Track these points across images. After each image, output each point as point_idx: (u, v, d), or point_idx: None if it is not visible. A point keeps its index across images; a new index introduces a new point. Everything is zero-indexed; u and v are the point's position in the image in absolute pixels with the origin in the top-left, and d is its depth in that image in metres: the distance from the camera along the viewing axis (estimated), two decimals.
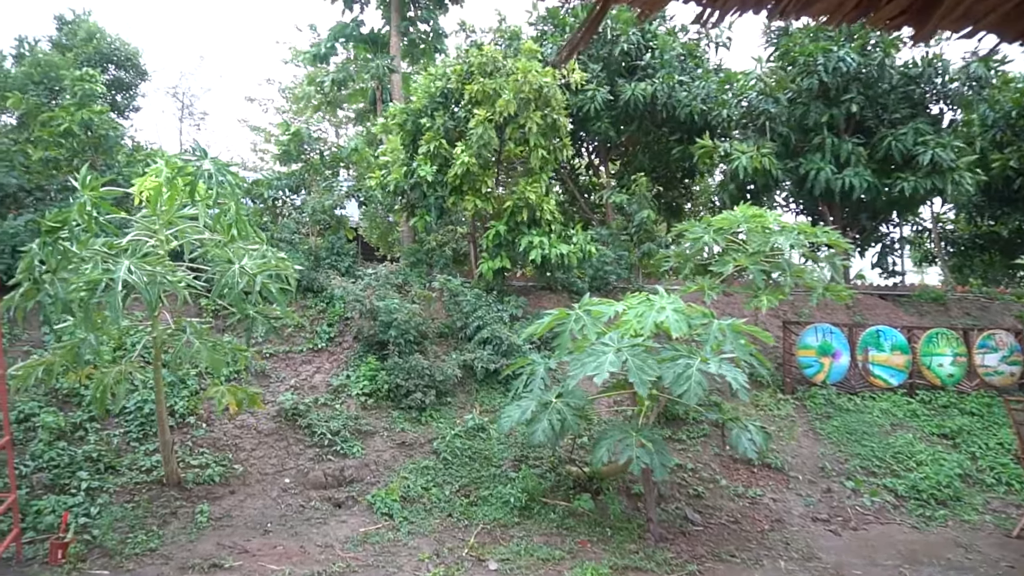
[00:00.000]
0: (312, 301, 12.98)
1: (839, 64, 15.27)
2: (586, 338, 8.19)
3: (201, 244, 8.31)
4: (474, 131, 12.81)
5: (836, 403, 12.50)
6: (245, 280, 7.44)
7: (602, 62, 17.20)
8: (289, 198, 16.14)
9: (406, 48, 19.80)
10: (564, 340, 8.42)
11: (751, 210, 10.50)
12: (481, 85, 13.08)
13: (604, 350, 7.82)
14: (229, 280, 7.42)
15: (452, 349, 12.34)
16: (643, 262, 15.85)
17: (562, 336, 8.45)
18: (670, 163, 18.63)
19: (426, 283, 13.80)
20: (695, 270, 11.33)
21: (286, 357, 11.67)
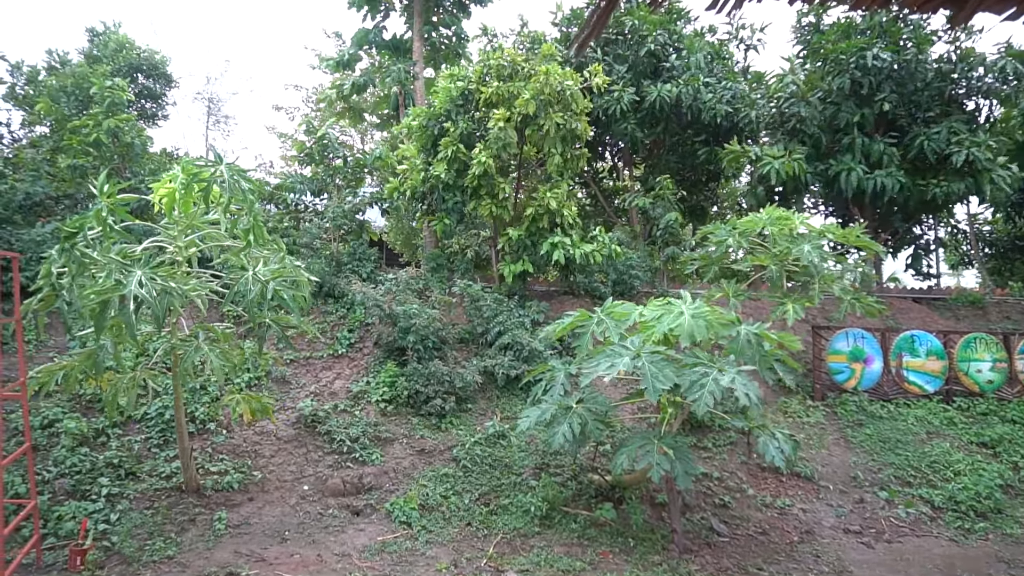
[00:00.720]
0: (333, 307, 12.94)
1: (873, 62, 14.84)
2: (608, 340, 7.99)
3: (223, 250, 8.29)
4: (493, 130, 12.72)
5: (868, 410, 12.08)
6: (258, 287, 7.38)
7: (628, 63, 16.97)
8: (311, 203, 16.18)
9: (429, 53, 19.79)
10: (584, 342, 8.21)
11: (776, 212, 10.20)
12: (497, 87, 13.00)
13: (622, 352, 7.62)
14: (242, 287, 7.37)
15: (473, 355, 12.20)
16: (668, 266, 15.57)
17: (583, 338, 8.24)
18: (695, 166, 18.33)
19: (447, 288, 13.70)
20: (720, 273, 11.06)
21: (307, 363, 11.63)
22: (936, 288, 18.18)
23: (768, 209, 10.46)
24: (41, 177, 12.76)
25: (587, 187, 20.68)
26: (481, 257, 15.32)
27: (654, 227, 15.96)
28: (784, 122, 16.04)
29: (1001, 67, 15.25)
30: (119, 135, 13.08)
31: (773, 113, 16.40)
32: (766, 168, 15.02)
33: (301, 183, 15.86)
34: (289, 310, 7.74)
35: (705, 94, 16.25)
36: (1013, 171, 15.10)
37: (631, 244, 15.09)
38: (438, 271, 14.41)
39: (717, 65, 17.69)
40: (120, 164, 13.28)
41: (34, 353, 10.32)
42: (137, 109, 17.51)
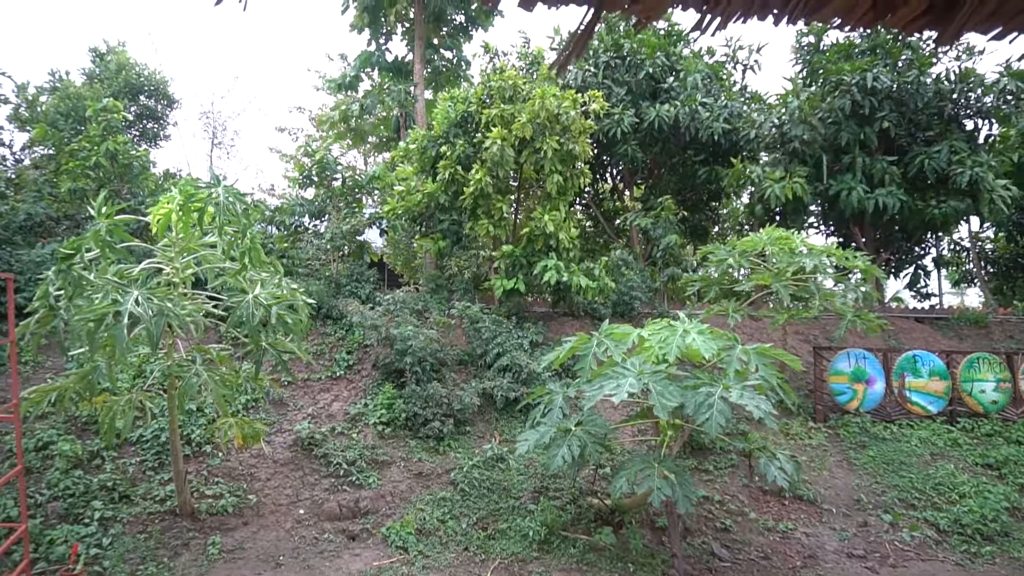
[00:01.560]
0: (331, 328, 12.92)
1: (873, 83, 14.93)
2: (610, 361, 7.95)
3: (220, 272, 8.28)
4: (490, 149, 12.77)
5: (871, 432, 11.98)
6: (260, 312, 7.37)
7: (627, 86, 17.11)
8: (312, 224, 16.22)
9: (430, 76, 20.01)
10: (586, 365, 8.16)
11: (776, 232, 10.22)
12: (500, 110, 13.09)
13: (625, 373, 7.57)
14: (244, 311, 7.35)
15: (471, 377, 12.14)
16: (668, 286, 15.55)
17: (583, 361, 8.20)
18: (696, 186, 18.40)
19: (446, 309, 13.67)
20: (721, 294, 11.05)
21: (304, 385, 11.58)
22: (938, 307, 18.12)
23: (768, 229, 10.48)
24: (42, 198, 12.82)
25: (588, 208, 20.75)
26: (480, 278, 15.32)
27: (654, 248, 15.97)
28: (785, 142, 16.11)
29: (1000, 87, 15.35)
30: (117, 157, 13.16)
31: (774, 133, 16.49)
32: (767, 190, 15.06)
33: (300, 205, 15.91)
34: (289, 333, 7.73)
35: (702, 113, 16.36)
36: (1013, 191, 15.13)
37: (631, 265, 15.09)
38: (437, 292, 14.39)
39: (715, 85, 17.84)
40: (119, 185, 13.35)
41: (31, 374, 10.29)
42: (138, 130, 17.66)
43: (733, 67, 18.95)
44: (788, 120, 16.04)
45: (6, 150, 15.98)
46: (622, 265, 14.53)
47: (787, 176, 15.19)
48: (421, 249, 15.77)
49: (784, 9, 2.51)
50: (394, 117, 20.12)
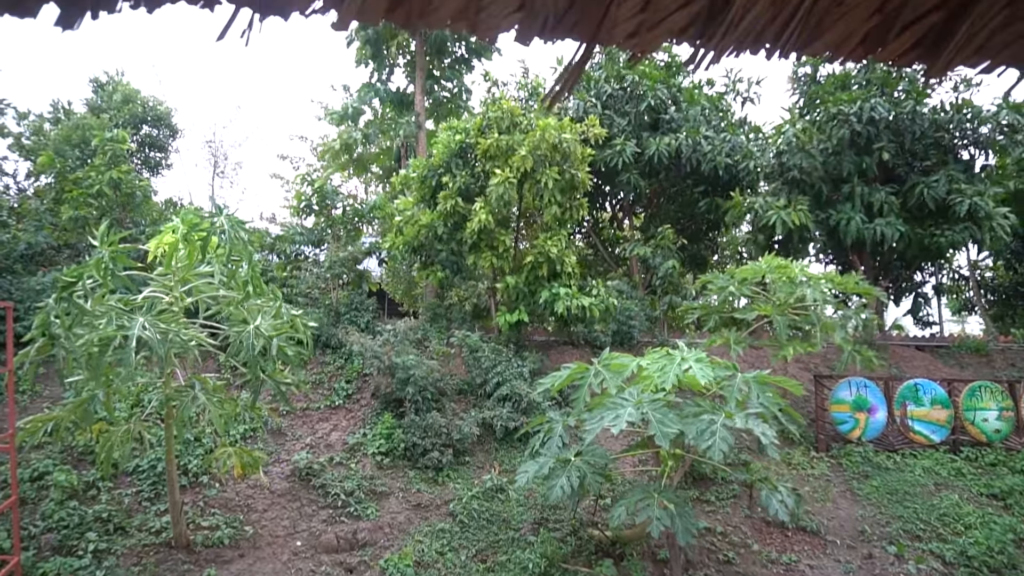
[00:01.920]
0: (331, 357, 12.90)
1: (871, 114, 15.11)
2: (606, 393, 7.92)
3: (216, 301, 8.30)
4: (494, 189, 12.83)
5: (874, 461, 11.88)
6: (260, 342, 7.37)
7: (628, 117, 17.32)
8: (312, 253, 16.29)
9: (431, 107, 20.25)
10: (582, 395, 8.13)
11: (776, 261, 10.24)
12: (495, 140, 13.20)
13: (623, 403, 7.54)
14: (245, 342, 7.36)
15: (471, 406, 12.09)
16: (668, 315, 15.55)
17: (580, 391, 8.17)
18: (696, 215, 18.51)
19: (445, 339, 13.66)
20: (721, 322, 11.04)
21: (303, 414, 11.52)
22: (939, 335, 18.10)
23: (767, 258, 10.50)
24: (43, 227, 12.90)
25: (587, 237, 20.84)
26: (480, 308, 15.33)
27: (653, 276, 16.01)
28: (784, 172, 16.24)
29: (998, 119, 15.53)
30: (120, 186, 13.27)
31: (773, 164, 16.63)
32: (772, 218, 15.12)
33: (300, 234, 16.00)
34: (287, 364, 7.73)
35: (705, 146, 16.52)
36: (1012, 219, 15.21)
37: (631, 293, 15.11)
38: (436, 321, 14.40)
39: (715, 117, 18.05)
40: (121, 214, 13.44)
41: (28, 404, 10.25)
42: (141, 159, 17.82)
43: (733, 99, 19.19)
44: (787, 149, 16.20)
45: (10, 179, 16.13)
46: (620, 293, 14.55)
47: (791, 204, 15.28)
48: (421, 278, 15.80)
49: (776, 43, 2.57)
50: (396, 147, 20.31)
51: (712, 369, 7.67)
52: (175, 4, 1.82)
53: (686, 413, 7.54)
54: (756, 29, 2.42)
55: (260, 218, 23.47)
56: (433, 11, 2.04)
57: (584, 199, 14.25)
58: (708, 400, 8.28)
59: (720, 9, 2.32)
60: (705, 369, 7.49)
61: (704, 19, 2.34)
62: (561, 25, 2.29)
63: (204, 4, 1.82)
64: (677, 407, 7.71)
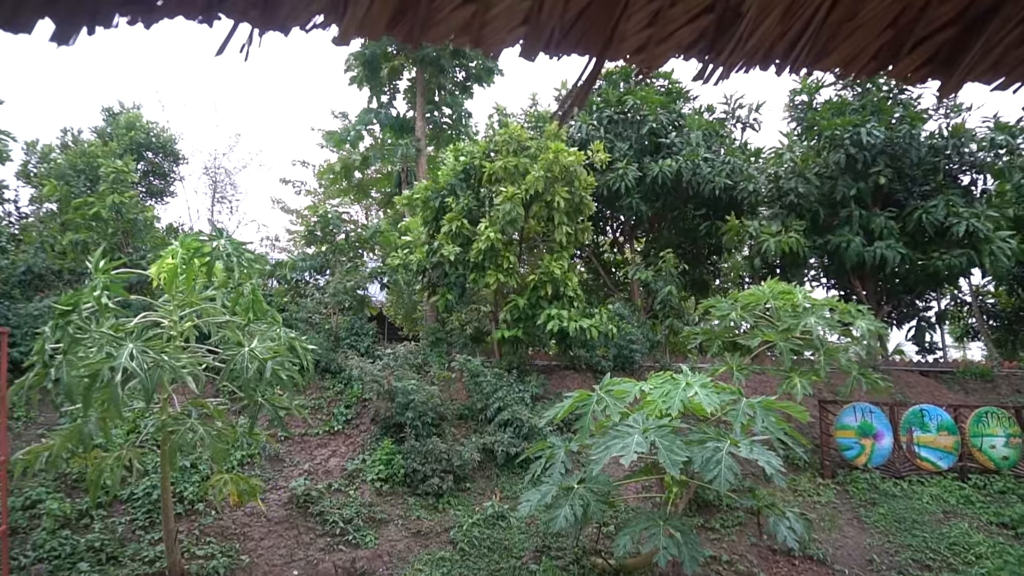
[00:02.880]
0: (330, 382, 12.78)
1: (867, 139, 15.16)
2: (609, 419, 7.79)
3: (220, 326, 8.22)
4: (500, 207, 12.85)
5: (881, 488, 11.68)
6: (255, 365, 7.27)
7: (629, 141, 17.39)
8: (313, 279, 16.24)
9: (431, 132, 20.35)
10: (586, 423, 8.01)
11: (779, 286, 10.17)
12: (504, 162, 13.24)
13: (630, 431, 7.42)
14: (239, 364, 7.26)
15: (472, 432, 11.94)
16: (669, 340, 15.44)
17: (583, 419, 8.04)
18: (697, 239, 18.48)
19: (446, 363, 13.55)
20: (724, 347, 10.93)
21: (301, 440, 11.37)
22: (943, 361, 17.96)
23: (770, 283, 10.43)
24: (44, 251, 12.85)
25: (589, 261, 20.80)
26: (481, 332, 15.23)
27: (655, 300, 15.93)
28: (782, 195, 16.26)
29: (991, 141, 15.57)
30: (122, 211, 13.26)
31: (771, 188, 16.64)
32: (763, 244, 15.13)
33: (303, 261, 15.98)
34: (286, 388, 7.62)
35: (704, 168, 16.55)
36: (1012, 243, 15.16)
37: (632, 318, 15.02)
38: (437, 346, 14.30)
39: (715, 142, 18.11)
40: (122, 240, 13.40)
41: (22, 430, 10.11)
42: (144, 186, 17.85)
43: (733, 124, 19.27)
44: (784, 174, 16.22)
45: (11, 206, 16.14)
46: (622, 318, 14.46)
47: (784, 230, 15.27)
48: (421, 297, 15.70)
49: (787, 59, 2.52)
50: (396, 172, 20.38)
51: (717, 394, 7.56)
52: (173, 20, 1.76)
53: (691, 440, 7.41)
54: (766, 44, 2.36)
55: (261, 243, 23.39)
56: (435, 25, 1.98)
57: (589, 223, 14.26)
58: (713, 426, 8.16)
59: (729, 24, 2.27)
60: (711, 395, 7.38)
61: (713, 34, 2.28)
62: (567, 40, 2.24)
63: (202, 19, 1.76)
64: (683, 433, 7.59)
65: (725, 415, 8.00)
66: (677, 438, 7.23)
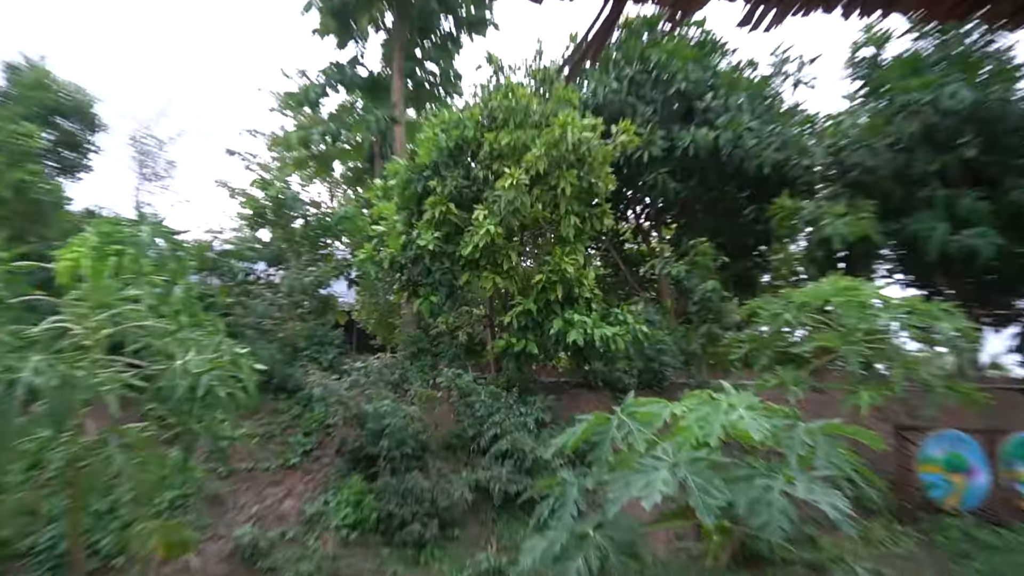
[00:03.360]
0: (285, 403, 12.73)
1: (949, 101, 15.02)
2: (633, 449, 7.71)
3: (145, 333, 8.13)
4: (503, 194, 12.65)
5: (976, 537, 11.58)
6: (188, 382, 7.19)
7: (654, 105, 17.30)
8: (265, 273, 16.17)
9: (411, 93, 20.29)
10: (603, 453, 7.91)
11: (842, 282, 10.09)
12: (510, 136, 13.06)
13: (656, 465, 7.31)
14: (168, 381, 7.18)
15: (462, 465, 11.90)
16: (707, 349, 15.37)
17: (600, 448, 7.95)
18: (740, 226, 18.42)
19: (430, 379, 13.50)
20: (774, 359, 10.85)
21: (249, 476, 11.31)
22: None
23: (831, 278, 10.36)
24: None
25: (606, 253, 20.75)
26: (474, 340, 15.16)
27: (689, 301, 15.85)
28: (845, 172, 16.16)
29: None
30: (23, 190, 13.19)
31: (831, 162, 16.55)
32: (827, 229, 15.02)
33: (252, 249, 15.89)
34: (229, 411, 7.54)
35: (748, 140, 16.46)
36: None
37: (661, 323, 14.97)
38: (419, 358, 14.25)
39: (761, 106, 18.03)
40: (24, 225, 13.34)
41: None
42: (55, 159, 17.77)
43: (782, 83, 19.18)
44: (847, 146, 16.12)
45: None
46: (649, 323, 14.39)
47: (851, 211, 15.15)
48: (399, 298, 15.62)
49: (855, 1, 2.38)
50: (368, 143, 20.32)
51: (768, 418, 7.47)
52: None
53: (735, 476, 7.31)
54: None
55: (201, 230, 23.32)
56: None
57: (607, 205, 14.12)
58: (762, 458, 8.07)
59: None
60: (759, 418, 7.27)
61: None
62: None
63: None
64: (723, 468, 7.49)
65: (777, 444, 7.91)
66: (716, 475, 7.14)
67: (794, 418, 7.80)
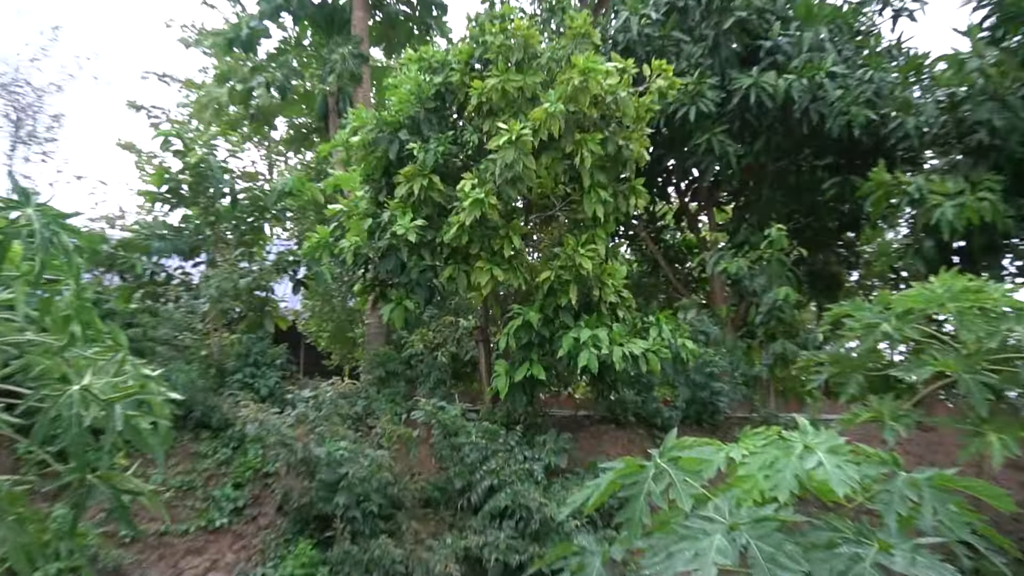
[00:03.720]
0: (208, 444, 12.76)
1: None
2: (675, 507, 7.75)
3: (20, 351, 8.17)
4: (498, 156, 12.52)
5: None
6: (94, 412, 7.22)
7: (704, 43, 17.26)
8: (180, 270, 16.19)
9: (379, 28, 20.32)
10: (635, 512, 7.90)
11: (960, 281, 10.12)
12: (503, 80, 12.94)
13: (707, 528, 7.33)
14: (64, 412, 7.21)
15: (446, 527, 11.94)
16: (777, 373, 15.42)
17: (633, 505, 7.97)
18: (819, 207, 18.42)
19: (403, 413, 13.52)
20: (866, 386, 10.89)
21: (159, 543, 11.35)
22: None
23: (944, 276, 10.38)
24: None
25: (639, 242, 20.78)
26: (461, 359, 15.19)
27: (752, 308, 15.87)
28: (964, 134, 16.18)
29: None
30: None
31: (944, 121, 16.55)
32: (935, 212, 15.01)
33: (162, 238, 15.87)
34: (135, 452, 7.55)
35: (831, 90, 16.43)
36: None
37: (714, 335, 15.01)
38: (389, 383, 14.29)
39: (849, 44, 18.00)
40: None
41: None
42: None
43: (878, 13, 19.14)
44: (967, 98, 16.12)
45: None
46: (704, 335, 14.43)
47: (969, 188, 15.14)
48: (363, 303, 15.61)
49: None
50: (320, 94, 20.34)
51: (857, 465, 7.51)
52: None
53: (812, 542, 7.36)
54: None
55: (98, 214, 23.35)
56: None
57: (639, 180, 13.98)
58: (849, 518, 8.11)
59: None
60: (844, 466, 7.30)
61: None
62: None
63: None
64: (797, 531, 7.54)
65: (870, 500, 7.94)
66: (788, 540, 7.18)
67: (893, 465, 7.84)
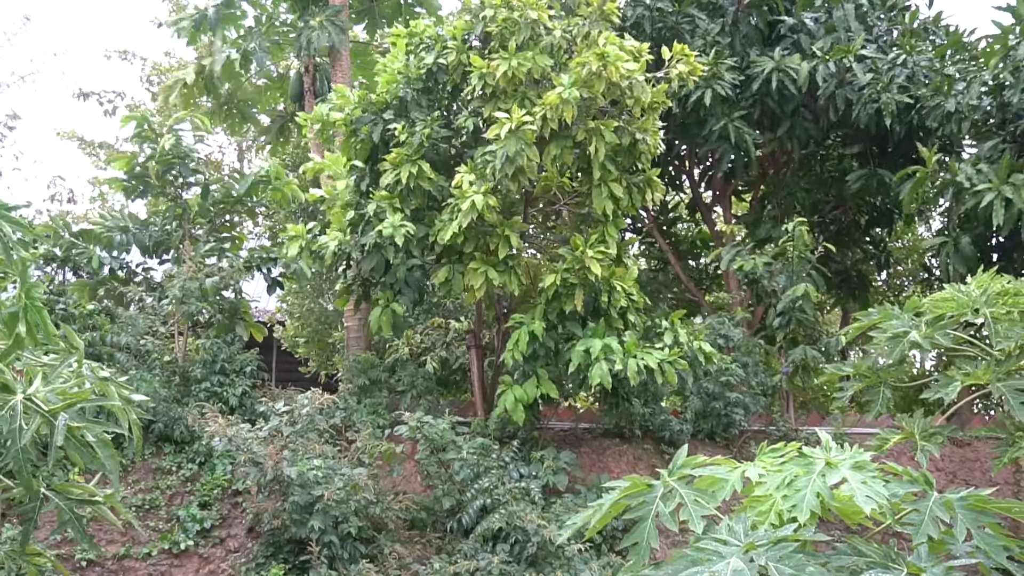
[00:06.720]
0: (172, 459, 12.78)
1: None
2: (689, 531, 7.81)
3: None
4: (498, 147, 12.46)
5: None
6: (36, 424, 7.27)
7: (721, 22, 17.26)
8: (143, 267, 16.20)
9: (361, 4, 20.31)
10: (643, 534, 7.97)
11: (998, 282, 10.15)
12: (508, 61, 12.85)
13: (722, 551, 7.38)
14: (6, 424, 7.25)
15: (433, 552, 11.98)
16: (797, 382, 15.45)
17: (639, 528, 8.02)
18: (845, 198, 18.43)
19: (387, 426, 13.54)
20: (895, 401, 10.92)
21: (118, 566, 11.38)
22: None
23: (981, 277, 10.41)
24: None
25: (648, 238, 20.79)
26: (451, 367, 15.20)
27: (770, 309, 15.88)
28: (1008, 120, 16.20)
29: None
30: None
31: (987, 105, 16.55)
32: (977, 201, 15.00)
33: (124, 231, 15.87)
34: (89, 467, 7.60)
35: (861, 74, 16.43)
36: None
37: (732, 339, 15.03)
38: (371, 393, 14.30)
39: (881, 22, 18.00)
40: None
41: None
42: None
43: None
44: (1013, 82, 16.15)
45: None
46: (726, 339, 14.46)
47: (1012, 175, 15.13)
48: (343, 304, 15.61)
49: None
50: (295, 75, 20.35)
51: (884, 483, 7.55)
52: None
53: (837, 565, 7.41)
54: None
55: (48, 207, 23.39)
56: None
57: (656, 171, 13.99)
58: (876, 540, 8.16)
59: None
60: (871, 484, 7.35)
61: None
62: None
63: None
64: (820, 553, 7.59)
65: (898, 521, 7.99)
66: (810, 562, 7.23)
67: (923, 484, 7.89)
